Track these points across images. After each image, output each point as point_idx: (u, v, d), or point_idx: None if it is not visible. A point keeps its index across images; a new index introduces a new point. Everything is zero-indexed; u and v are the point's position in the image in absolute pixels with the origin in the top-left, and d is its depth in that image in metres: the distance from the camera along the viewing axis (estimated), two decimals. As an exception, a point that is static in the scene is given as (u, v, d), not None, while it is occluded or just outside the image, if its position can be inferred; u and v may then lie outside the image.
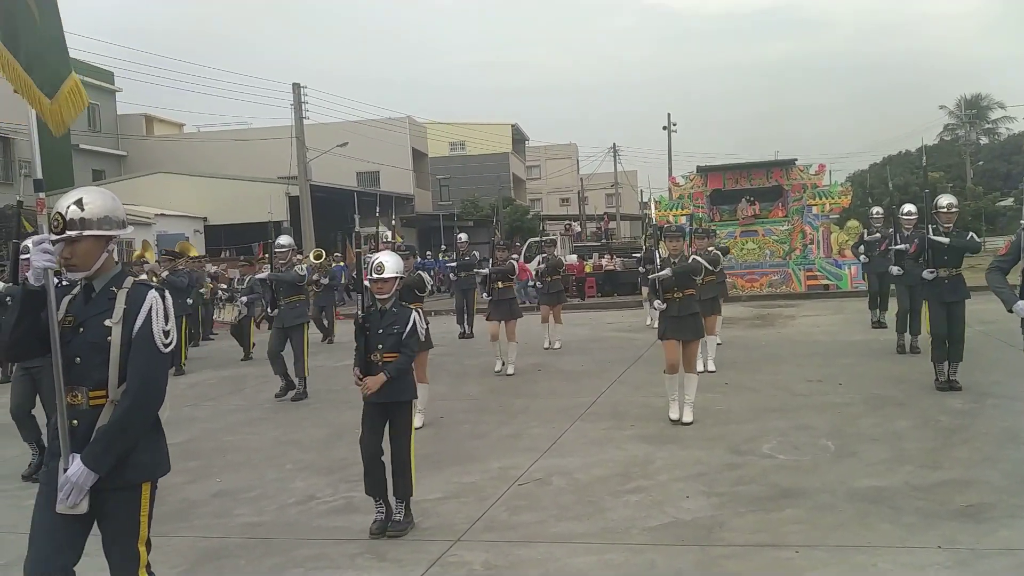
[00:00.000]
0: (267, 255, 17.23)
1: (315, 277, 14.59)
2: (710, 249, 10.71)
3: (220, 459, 7.56)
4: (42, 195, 3.22)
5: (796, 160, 23.29)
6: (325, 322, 16.54)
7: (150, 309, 3.11)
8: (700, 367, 10.05)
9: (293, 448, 7.82)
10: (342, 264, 19.40)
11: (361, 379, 5.26)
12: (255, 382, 11.78)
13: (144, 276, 13.72)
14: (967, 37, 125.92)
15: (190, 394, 11.31)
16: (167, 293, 3.23)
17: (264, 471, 7.04)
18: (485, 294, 11.75)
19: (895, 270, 10.90)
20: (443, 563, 4.77)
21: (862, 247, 13.61)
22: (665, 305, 7.71)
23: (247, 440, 8.31)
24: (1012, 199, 46.71)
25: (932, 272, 8.49)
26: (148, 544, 3.19)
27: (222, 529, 5.62)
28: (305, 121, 31.72)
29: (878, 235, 12.99)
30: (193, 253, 16.52)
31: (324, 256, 17.95)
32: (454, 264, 16.67)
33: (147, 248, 18.88)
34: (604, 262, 25.77)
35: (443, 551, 4.94)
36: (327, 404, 9.69)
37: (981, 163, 61.45)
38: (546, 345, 13.51)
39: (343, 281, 21.45)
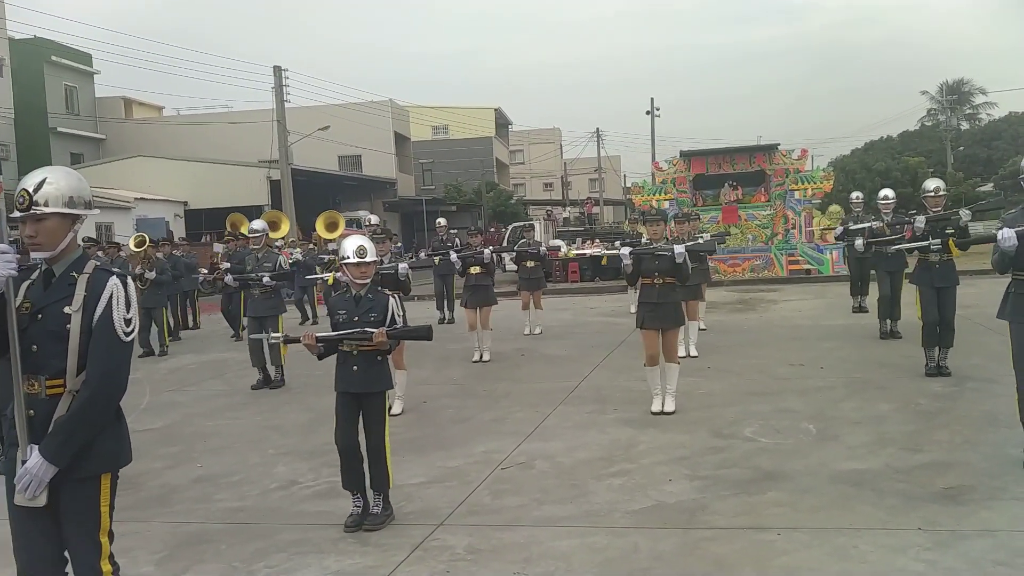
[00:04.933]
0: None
1: (138, 271, 13.23)
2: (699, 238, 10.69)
3: (201, 444, 7.50)
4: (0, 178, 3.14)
5: (779, 145, 23.36)
6: (172, 321, 15.10)
7: (111, 296, 3.02)
8: (683, 352, 10.08)
9: (275, 433, 7.78)
10: (179, 254, 16.59)
11: (315, 342, 5.08)
12: (236, 367, 11.70)
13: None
14: (951, 21, 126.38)
15: (171, 379, 11.23)
16: (128, 280, 3.14)
17: (246, 456, 6.99)
18: (459, 274, 11.71)
19: (859, 244, 11.29)
20: (426, 547, 4.75)
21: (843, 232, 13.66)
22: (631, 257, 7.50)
23: (228, 425, 8.26)
24: (992, 184, 47.04)
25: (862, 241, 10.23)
26: (111, 535, 3.11)
27: (203, 514, 5.58)
28: (286, 104, 31.47)
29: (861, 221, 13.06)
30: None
31: (147, 243, 14.25)
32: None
33: (243, 223, 17.73)
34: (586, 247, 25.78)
35: (426, 535, 4.92)
36: (308, 389, 9.65)
37: (962, 148, 61.74)
38: (527, 331, 13.50)
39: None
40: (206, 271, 16.69)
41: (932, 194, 8.58)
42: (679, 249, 7.37)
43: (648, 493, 5.45)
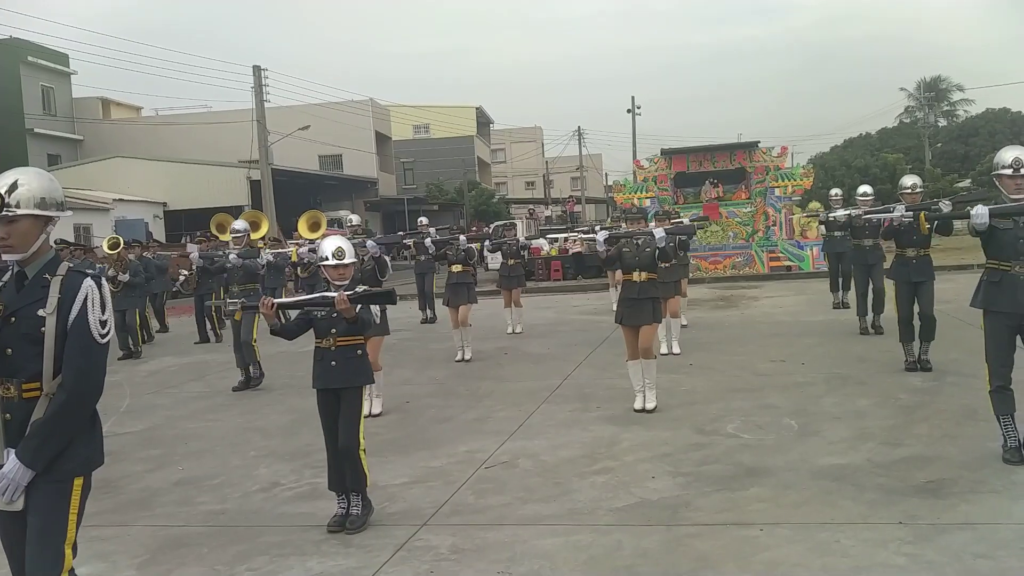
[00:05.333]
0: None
1: (111, 273, 13.12)
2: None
3: (182, 447, 7.45)
4: None
5: (759, 142, 23.49)
6: (157, 325, 15.52)
7: (85, 298, 2.98)
8: (665, 349, 10.16)
9: (256, 435, 7.73)
10: (149, 256, 16.10)
11: (273, 309, 4.91)
12: (217, 369, 11.63)
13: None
14: (929, 20, 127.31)
15: (151, 382, 11.14)
16: (103, 281, 3.10)
17: (227, 458, 6.95)
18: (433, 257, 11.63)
19: (840, 214, 11.39)
20: (409, 548, 4.74)
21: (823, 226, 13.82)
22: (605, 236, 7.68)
23: (209, 427, 8.20)
24: (970, 180, 47.46)
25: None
26: (75, 548, 3.03)
27: (184, 517, 5.54)
28: (266, 104, 31.31)
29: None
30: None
31: (121, 245, 13.83)
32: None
33: (230, 224, 17.48)
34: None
35: (409, 536, 4.91)
36: (290, 390, 9.58)
37: (939, 145, 62.26)
38: (510, 330, 13.50)
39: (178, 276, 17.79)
40: (186, 273, 16.55)
41: (909, 191, 8.66)
42: (659, 232, 7.43)
43: (631, 490, 5.46)
